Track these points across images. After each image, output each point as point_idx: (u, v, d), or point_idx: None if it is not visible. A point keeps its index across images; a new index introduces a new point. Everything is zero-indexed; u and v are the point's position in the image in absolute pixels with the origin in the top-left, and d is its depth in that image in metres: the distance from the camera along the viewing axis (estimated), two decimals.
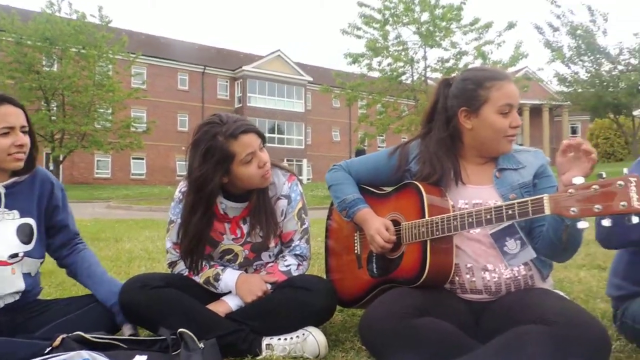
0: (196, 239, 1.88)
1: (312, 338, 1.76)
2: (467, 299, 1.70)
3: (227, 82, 36.96)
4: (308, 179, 36.17)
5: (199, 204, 1.85)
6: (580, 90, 20.69)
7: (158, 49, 34.29)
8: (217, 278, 1.94)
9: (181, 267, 2.01)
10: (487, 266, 1.66)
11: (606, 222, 1.34)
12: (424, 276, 1.62)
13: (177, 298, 1.81)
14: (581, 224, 1.38)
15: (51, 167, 24.07)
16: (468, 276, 1.67)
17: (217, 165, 1.79)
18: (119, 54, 25.17)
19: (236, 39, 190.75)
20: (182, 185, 2.00)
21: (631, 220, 1.30)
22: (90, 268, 1.98)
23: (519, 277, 1.67)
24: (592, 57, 19.54)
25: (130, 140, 26.38)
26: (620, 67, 19.41)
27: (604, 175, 1.34)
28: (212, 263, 2.00)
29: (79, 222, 2.16)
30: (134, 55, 25.86)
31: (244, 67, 35.98)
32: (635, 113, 21.01)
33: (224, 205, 1.96)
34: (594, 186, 1.34)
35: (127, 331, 1.84)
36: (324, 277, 2.10)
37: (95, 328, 1.70)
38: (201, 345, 1.55)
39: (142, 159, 33.40)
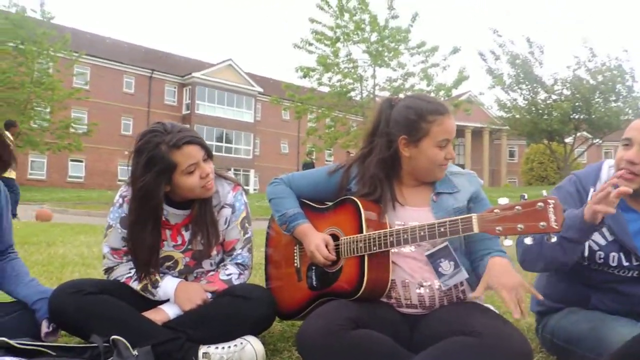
0: (151, 252, 1.85)
1: (250, 347, 1.75)
2: (402, 312, 1.76)
3: (175, 88, 36.16)
4: (255, 190, 35.83)
5: (147, 218, 1.83)
6: (518, 116, 21.63)
7: (103, 50, 33.09)
8: (155, 285, 1.90)
9: (118, 274, 1.95)
10: (422, 282, 1.72)
11: (528, 240, 1.45)
12: (362, 290, 1.67)
13: (112, 305, 1.76)
14: (506, 242, 1.48)
15: None
16: (403, 291, 1.73)
17: (159, 175, 1.77)
18: (60, 51, 24.16)
19: (185, 45, 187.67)
20: (123, 190, 1.96)
21: (551, 239, 1.41)
22: (19, 276, 1.92)
23: (451, 292, 1.74)
24: (529, 86, 20.58)
25: (69, 142, 25.28)
26: (554, 97, 20.54)
27: (526, 197, 1.43)
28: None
29: None
30: (76, 54, 24.89)
31: (194, 74, 35.35)
32: (567, 140, 22.19)
33: (166, 211, 1.93)
34: (517, 207, 1.43)
35: (44, 328, 1.77)
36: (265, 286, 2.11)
37: (22, 335, 1.62)
38: (135, 352, 1.52)
39: (81, 161, 31.96)
